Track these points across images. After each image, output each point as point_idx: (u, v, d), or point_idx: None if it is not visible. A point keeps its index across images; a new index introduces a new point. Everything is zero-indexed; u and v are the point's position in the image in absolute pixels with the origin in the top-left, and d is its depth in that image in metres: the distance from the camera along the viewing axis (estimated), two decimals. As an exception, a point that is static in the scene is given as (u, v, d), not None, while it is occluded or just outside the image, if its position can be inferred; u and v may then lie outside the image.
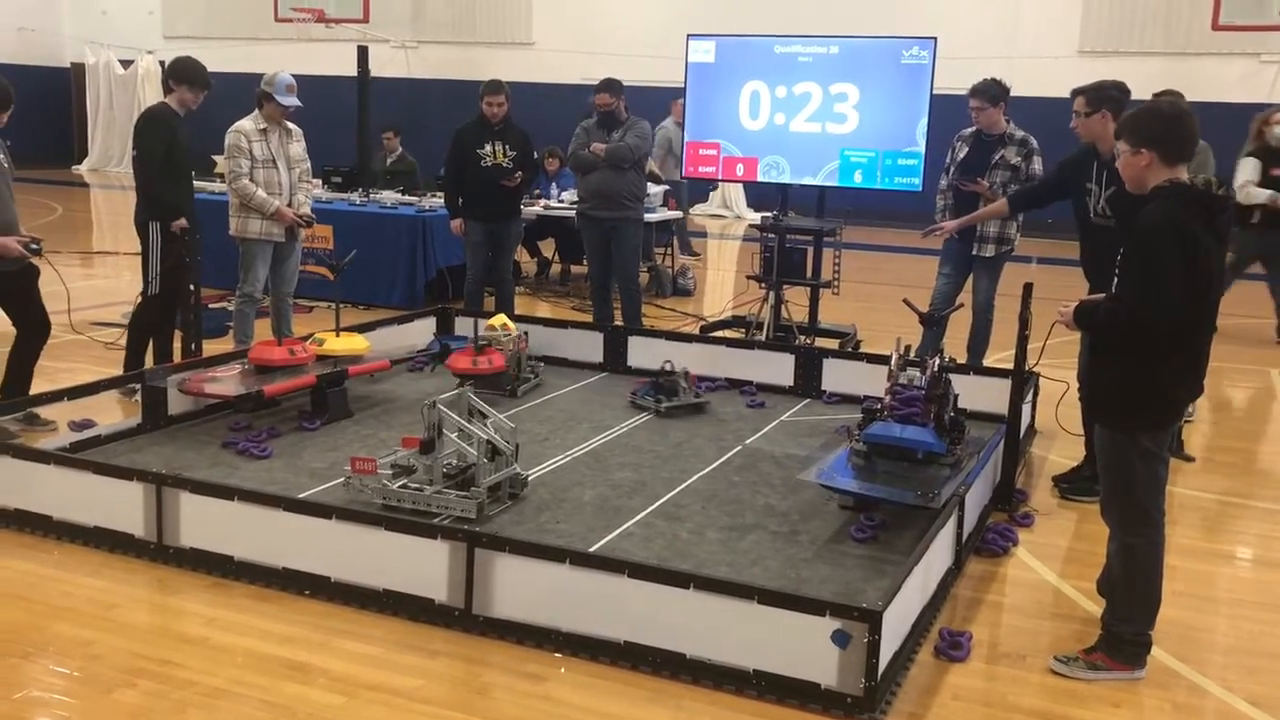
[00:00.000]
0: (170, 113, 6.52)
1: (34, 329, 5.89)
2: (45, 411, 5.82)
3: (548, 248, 12.03)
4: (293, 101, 6.97)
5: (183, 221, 6.45)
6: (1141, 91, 5.49)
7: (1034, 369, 5.76)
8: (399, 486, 4.77)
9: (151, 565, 4.39)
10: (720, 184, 18.45)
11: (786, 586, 4.03)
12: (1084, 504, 5.34)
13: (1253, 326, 9.57)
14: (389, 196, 10.72)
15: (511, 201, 8.30)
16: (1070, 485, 5.59)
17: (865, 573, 4.37)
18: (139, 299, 6.69)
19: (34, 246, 5.73)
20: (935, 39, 7.80)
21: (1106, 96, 5.35)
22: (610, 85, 8.07)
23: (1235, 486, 5.94)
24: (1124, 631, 3.80)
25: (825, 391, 7.00)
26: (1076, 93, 5.48)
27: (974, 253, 6.99)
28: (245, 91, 7.24)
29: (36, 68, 21.87)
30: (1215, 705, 3.70)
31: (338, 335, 6.44)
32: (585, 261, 8.98)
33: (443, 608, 3.97)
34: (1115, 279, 3.68)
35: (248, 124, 6.98)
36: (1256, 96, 15.79)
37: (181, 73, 6.51)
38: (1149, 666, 3.83)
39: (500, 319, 7.62)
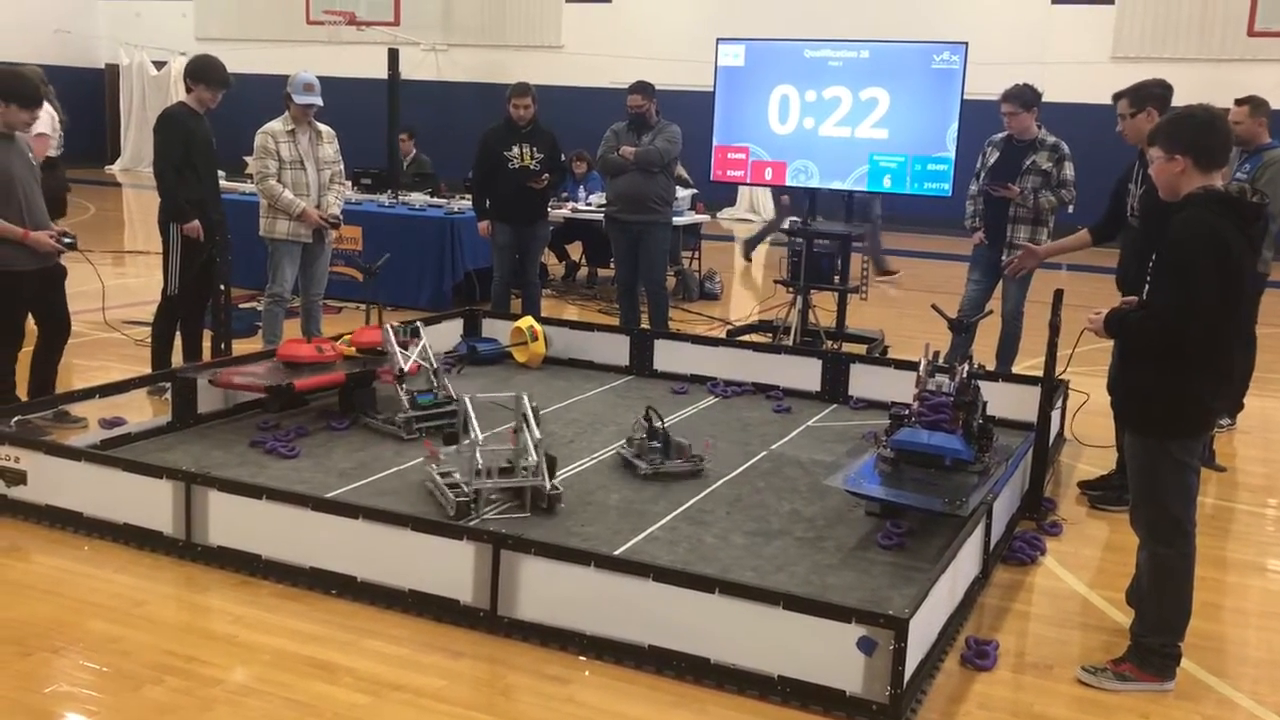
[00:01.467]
0: (187, 112, 6.56)
1: (56, 329, 5.93)
2: (76, 409, 5.88)
3: (575, 251, 12.05)
4: (309, 100, 6.96)
5: (196, 225, 6.48)
6: (1176, 98, 5.43)
7: (1062, 376, 5.72)
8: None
9: (180, 563, 4.42)
10: (748, 188, 18.42)
11: (812, 592, 4.01)
12: (1114, 513, 5.29)
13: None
14: (418, 198, 10.77)
15: (539, 204, 8.32)
16: (1100, 494, 5.53)
17: (891, 580, 4.35)
18: (160, 300, 6.73)
19: (67, 240, 5.77)
20: (966, 44, 7.76)
21: (1150, 94, 5.27)
22: (643, 87, 8.08)
23: (1267, 497, 5.87)
24: (1153, 642, 3.76)
25: (852, 397, 6.97)
26: (1119, 96, 5.41)
27: (1004, 259, 6.95)
28: (277, 93, 7.29)
29: (72, 68, 22.11)
30: (1245, 719, 3.66)
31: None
32: (612, 264, 8.98)
33: (468, 609, 3.98)
34: (1146, 285, 3.65)
35: (276, 125, 7.03)
36: (1293, 103, 15.65)
37: (198, 71, 6.54)
38: (1178, 678, 3.79)
39: (527, 321, 7.64)
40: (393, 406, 6.02)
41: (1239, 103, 6.31)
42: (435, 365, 6.17)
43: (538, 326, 7.60)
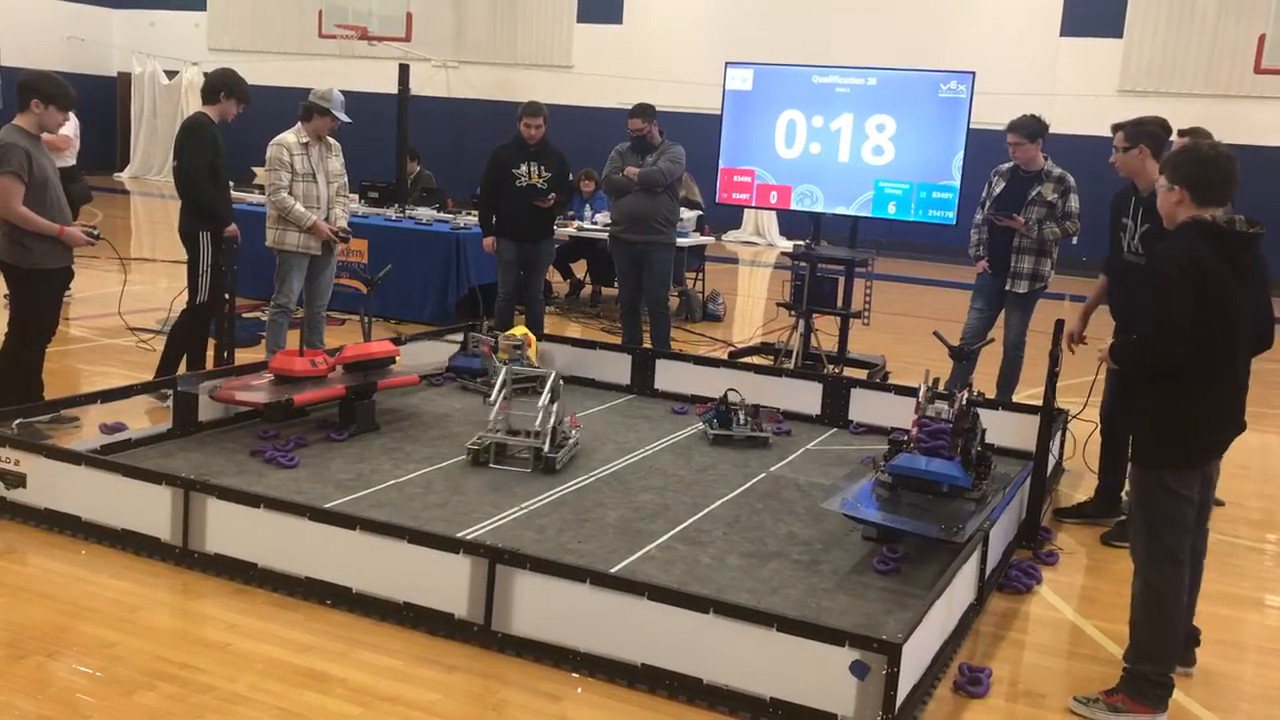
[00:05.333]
0: (211, 122, 6.62)
1: (51, 331, 5.97)
2: (77, 413, 5.90)
3: (579, 269, 12.09)
4: (346, 117, 7.15)
5: (235, 229, 6.57)
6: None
7: (1076, 405, 5.72)
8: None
9: (176, 569, 4.43)
10: (754, 211, 18.47)
11: (807, 615, 4.00)
12: (1120, 548, 5.26)
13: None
14: (424, 213, 10.81)
15: (545, 222, 8.35)
16: (1110, 531, 5.51)
17: (886, 605, 4.35)
18: (185, 307, 6.74)
19: (95, 234, 5.91)
20: (974, 73, 7.81)
21: (1145, 132, 5.33)
22: (643, 110, 8.12)
23: (1266, 532, 5.87)
24: (1146, 671, 3.78)
25: (852, 421, 6.98)
26: (1116, 127, 5.47)
27: (1007, 288, 6.96)
28: (287, 105, 7.35)
29: (84, 76, 22.25)
30: (1238, 753, 3.65)
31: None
32: (616, 284, 9.01)
33: (462, 623, 3.98)
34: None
35: (290, 137, 7.07)
36: (1298, 141, 15.70)
37: (231, 85, 6.60)
38: (1173, 711, 3.78)
39: (520, 329, 7.65)
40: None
41: (1181, 133, 6.25)
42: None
43: (530, 335, 7.62)
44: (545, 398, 5.77)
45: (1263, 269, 3.82)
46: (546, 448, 5.64)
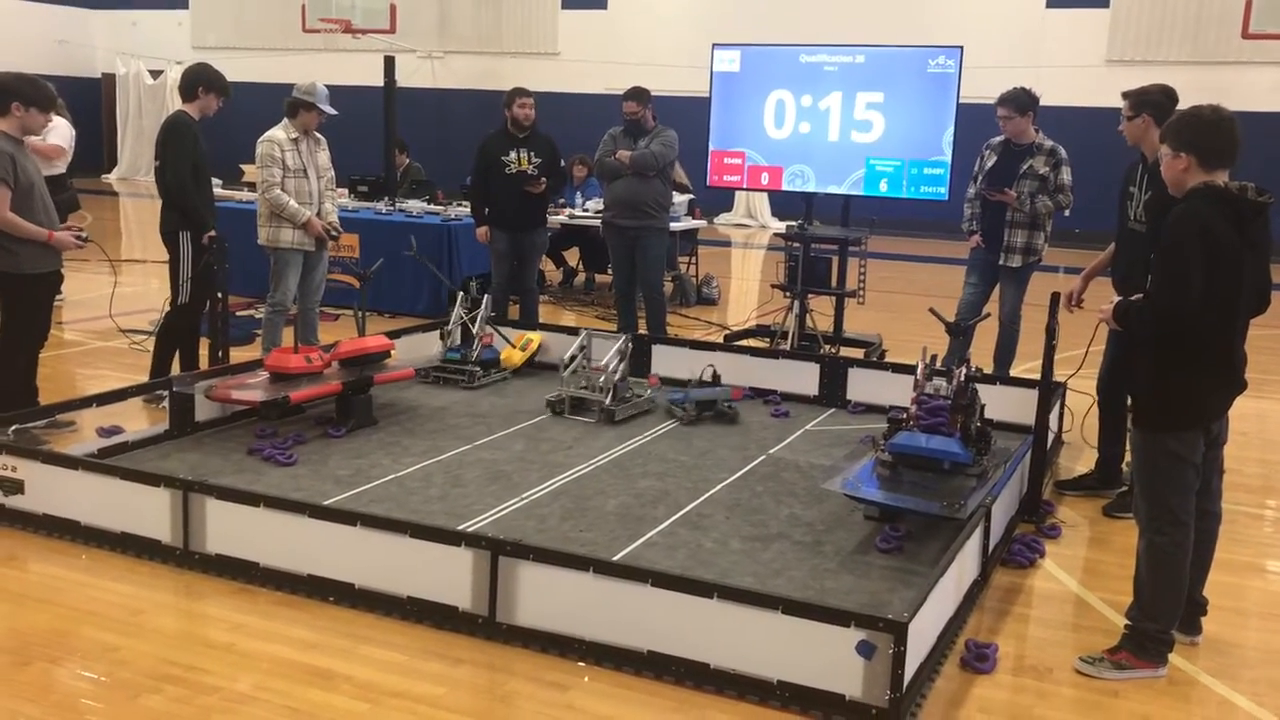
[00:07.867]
0: (192, 120, 6.57)
1: (43, 336, 5.95)
2: (73, 416, 5.88)
3: (572, 257, 12.05)
4: (331, 109, 7.13)
5: (213, 233, 6.53)
6: (1172, 101, 5.44)
7: (1060, 380, 5.71)
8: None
9: (177, 571, 4.42)
10: (745, 193, 18.44)
11: (811, 597, 4.01)
12: (1124, 519, 5.26)
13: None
14: (415, 206, 10.77)
15: (537, 211, 8.32)
16: (1112, 502, 5.52)
17: (890, 584, 4.35)
18: (168, 308, 6.72)
19: (83, 236, 5.88)
20: (961, 48, 7.77)
21: (1149, 101, 5.33)
22: (637, 93, 8.08)
23: (1265, 498, 5.87)
24: (1148, 628, 3.83)
25: (850, 401, 6.97)
26: (1125, 95, 5.47)
27: (1001, 263, 6.95)
28: (273, 101, 7.30)
29: (70, 78, 22.12)
30: (1246, 720, 3.66)
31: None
32: (610, 270, 8.99)
33: (466, 615, 3.97)
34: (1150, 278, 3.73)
35: (279, 133, 7.02)
36: (1287, 105, 15.67)
37: (210, 80, 6.55)
38: (1180, 679, 3.79)
39: (537, 337, 7.67)
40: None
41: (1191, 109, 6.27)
42: (484, 332, 7.34)
43: (534, 340, 7.64)
44: (614, 358, 6.48)
45: (1268, 236, 3.82)
46: (609, 401, 6.37)
